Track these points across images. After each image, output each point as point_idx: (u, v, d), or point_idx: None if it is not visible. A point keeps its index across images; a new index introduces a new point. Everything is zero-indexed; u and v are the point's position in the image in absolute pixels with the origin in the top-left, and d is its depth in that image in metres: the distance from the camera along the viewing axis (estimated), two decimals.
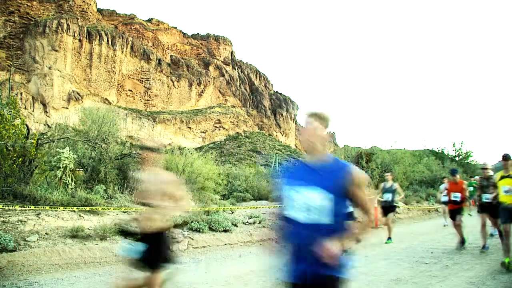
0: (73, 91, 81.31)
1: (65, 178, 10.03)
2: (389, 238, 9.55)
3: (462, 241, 8.34)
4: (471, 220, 10.97)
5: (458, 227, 8.33)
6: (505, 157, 6.62)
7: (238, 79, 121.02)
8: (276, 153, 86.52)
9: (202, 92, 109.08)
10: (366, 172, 20.28)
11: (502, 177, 6.68)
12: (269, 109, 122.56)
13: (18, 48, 77.71)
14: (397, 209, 15.47)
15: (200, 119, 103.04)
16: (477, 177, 8.87)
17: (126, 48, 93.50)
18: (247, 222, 10.77)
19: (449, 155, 29.40)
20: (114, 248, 7.33)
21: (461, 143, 30.58)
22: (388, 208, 9.94)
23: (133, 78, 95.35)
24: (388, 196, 9.80)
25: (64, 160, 9.94)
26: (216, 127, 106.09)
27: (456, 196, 8.41)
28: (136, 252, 3.31)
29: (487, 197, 7.58)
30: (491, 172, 7.80)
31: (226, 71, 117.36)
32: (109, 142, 13.29)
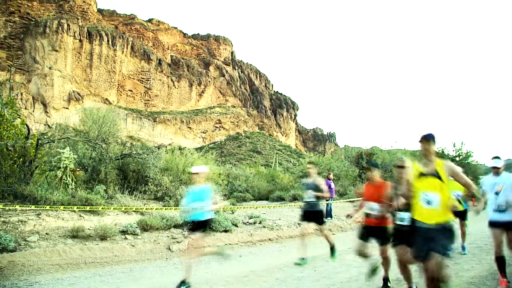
0: (73, 91, 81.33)
1: (65, 178, 10.04)
2: (303, 258, 6.78)
3: (385, 281, 5.17)
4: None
5: (385, 260, 5.16)
6: (426, 138, 3.90)
7: (239, 79, 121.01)
8: (277, 153, 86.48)
9: (203, 92, 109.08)
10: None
11: (421, 175, 3.91)
12: (270, 109, 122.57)
13: (19, 48, 77.73)
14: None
15: (200, 119, 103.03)
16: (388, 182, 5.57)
17: (127, 48, 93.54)
18: (248, 222, 10.77)
19: (449, 155, 29.35)
20: (114, 248, 7.34)
21: (462, 143, 30.49)
22: (310, 213, 6.92)
23: (134, 78, 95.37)
24: (310, 197, 6.88)
25: (65, 160, 9.95)
26: (217, 127, 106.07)
27: (373, 207, 5.06)
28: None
29: (403, 218, 4.53)
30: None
31: (227, 71, 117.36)
32: (109, 142, 13.31)
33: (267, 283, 5.60)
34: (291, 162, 76.50)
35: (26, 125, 10.88)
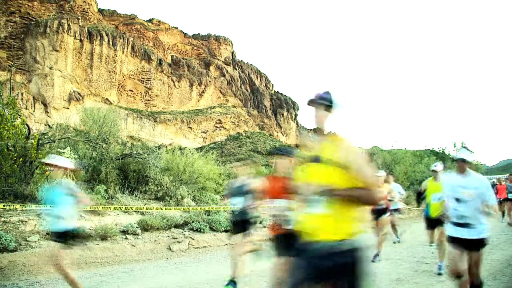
0: (74, 91, 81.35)
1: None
2: (232, 282, 5.16)
3: None
4: None
5: None
6: (317, 101, 2.49)
7: (239, 79, 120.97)
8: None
9: (203, 92, 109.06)
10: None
11: (309, 160, 2.35)
12: (270, 109, 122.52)
13: (19, 48, 77.77)
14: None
15: (201, 119, 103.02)
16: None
17: (127, 48, 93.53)
18: None
19: (450, 155, 29.33)
20: (114, 248, 7.34)
21: (462, 143, 30.47)
22: (239, 224, 5.34)
23: (134, 78, 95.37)
24: (237, 203, 5.33)
25: None
26: (217, 127, 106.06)
27: (283, 206, 3.52)
28: None
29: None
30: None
31: (227, 71, 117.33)
32: (110, 142, 13.31)
33: (267, 283, 5.59)
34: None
35: (27, 125, 10.89)
